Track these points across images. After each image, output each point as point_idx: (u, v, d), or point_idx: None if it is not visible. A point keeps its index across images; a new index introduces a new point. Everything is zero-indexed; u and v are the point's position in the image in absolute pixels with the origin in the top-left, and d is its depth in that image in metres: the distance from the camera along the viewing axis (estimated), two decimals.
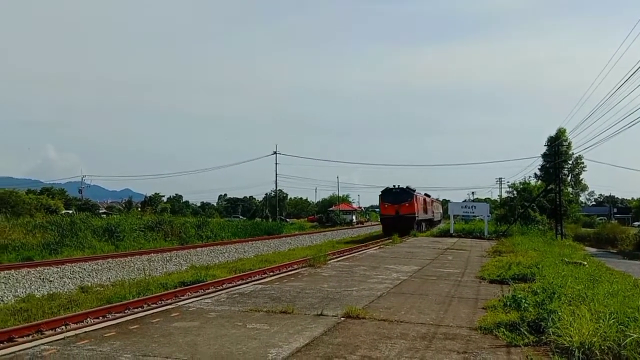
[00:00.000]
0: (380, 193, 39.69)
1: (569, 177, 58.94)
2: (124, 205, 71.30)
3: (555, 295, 7.35)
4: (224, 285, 14.69)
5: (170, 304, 10.14)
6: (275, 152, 67.58)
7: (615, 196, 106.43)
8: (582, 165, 59.26)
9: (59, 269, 17.13)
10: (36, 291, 14.43)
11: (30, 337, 8.76)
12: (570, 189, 56.76)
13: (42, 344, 5.71)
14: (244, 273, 17.81)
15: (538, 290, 8.21)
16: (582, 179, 62.14)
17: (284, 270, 17.73)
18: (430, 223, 47.45)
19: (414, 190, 38.54)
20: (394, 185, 38.47)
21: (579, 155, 51.91)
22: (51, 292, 14.40)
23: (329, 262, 15.51)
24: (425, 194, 47.89)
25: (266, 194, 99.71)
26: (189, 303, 8.55)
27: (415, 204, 37.27)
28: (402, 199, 36.99)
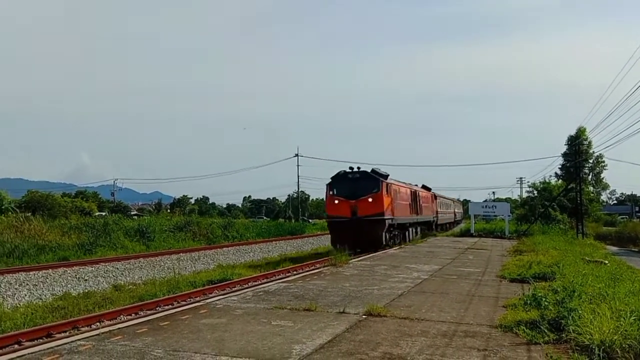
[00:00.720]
0: (329, 181, 23.46)
1: (590, 176, 57.57)
2: (154, 207, 73.05)
3: (576, 294, 7.32)
4: (249, 284, 15.02)
5: (198, 301, 10.48)
6: (297, 155, 67.88)
7: (637, 195, 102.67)
8: (603, 164, 57.90)
9: (93, 269, 17.71)
10: (72, 289, 15.04)
11: (68, 333, 9.10)
12: (591, 188, 55.51)
13: (79, 339, 5.93)
14: (268, 272, 18.13)
15: (558, 289, 8.17)
16: (603, 178, 60.78)
17: (306, 269, 17.95)
18: (428, 226, 34.88)
19: (386, 177, 23.37)
20: (351, 168, 23.19)
21: (600, 154, 50.81)
22: (86, 291, 14.98)
23: (350, 261, 15.61)
24: (424, 186, 35.57)
25: (289, 195, 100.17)
26: (217, 300, 8.80)
27: (384, 199, 22.35)
28: (363, 190, 22.18)
